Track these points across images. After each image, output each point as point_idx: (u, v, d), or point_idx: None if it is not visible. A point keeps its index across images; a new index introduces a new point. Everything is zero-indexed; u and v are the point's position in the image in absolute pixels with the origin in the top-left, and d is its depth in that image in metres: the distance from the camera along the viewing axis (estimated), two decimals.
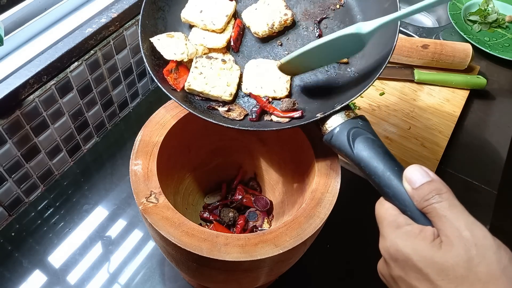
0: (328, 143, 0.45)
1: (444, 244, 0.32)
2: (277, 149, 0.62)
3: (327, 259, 0.66)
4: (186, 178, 0.63)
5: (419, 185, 0.35)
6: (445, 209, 0.33)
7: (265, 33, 0.54)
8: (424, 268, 0.32)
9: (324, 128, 0.45)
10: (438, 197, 0.34)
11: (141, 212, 0.45)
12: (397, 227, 0.35)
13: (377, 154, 0.40)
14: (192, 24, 0.55)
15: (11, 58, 0.62)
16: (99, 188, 0.73)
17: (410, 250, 0.33)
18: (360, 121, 0.44)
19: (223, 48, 0.54)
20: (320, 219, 0.46)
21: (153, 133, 0.52)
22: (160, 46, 0.51)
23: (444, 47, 0.92)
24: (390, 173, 0.39)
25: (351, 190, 0.74)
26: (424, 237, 0.33)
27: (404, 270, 0.34)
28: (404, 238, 0.34)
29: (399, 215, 0.36)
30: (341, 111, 0.45)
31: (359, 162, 0.41)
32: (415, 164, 0.36)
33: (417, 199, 0.35)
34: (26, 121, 0.62)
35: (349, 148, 0.42)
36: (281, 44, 0.55)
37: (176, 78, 0.51)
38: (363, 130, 0.43)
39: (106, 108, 0.79)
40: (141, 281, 0.62)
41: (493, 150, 0.84)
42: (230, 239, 0.43)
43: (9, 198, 0.66)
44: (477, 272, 0.30)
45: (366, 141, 0.42)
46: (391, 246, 0.35)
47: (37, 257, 0.64)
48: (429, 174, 0.35)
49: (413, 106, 0.87)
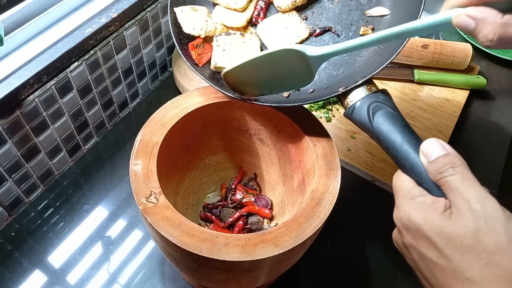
0: (348, 117, 0.46)
1: (454, 215, 0.33)
2: (277, 149, 0.62)
3: (327, 259, 0.66)
4: (186, 178, 0.63)
5: (434, 158, 0.36)
6: (457, 182, 0.34)
7: (288, 7, 0.53)
8: (433, 237, 0.33)
9: (346, 102, 0.46)
10: (452, 170, 0.35)
11: (141, 212, 0.45)
12: (411, 198, 0.36)
13: (396, 127, 0.41)
14: (215, 2, 0.55)
15: (11, 58, 0.62)
16: (99, 188, 0.73)
17: (421, 220, 0.34)
18: (381, 95, 0.44)
19: (242, 27, 0.54)
20: (320, 219, 0.46)
21: (153, 133, 0.52)
22: (182, 18, 0.52)
23: (444, 47, 0.92)
24: (407, 146, 0.39)
25: (351, 190, 0.74)
26: (436, 208, 0.34)
27: (415, 239, 0.35)
28: (417, 209, 0.35)
29: (415, 187, 0.37)
30: (363, 85, 0.45)
31: (378, 135, 0.42)
32: (432, 138, 0.37)
33: (432, 172, 0.36)
34: (26, 121, 0.62)
35: (368, 122, 0.43)
36: (306, 18, 0.54)
37: (200, 54, 0.51)
38: (384, 104, 0.43)
39: (106, 108, 0.79)
40: (141, 281, 0.62)
41: (493, 150, 0.84)
42: (230, 239, 0.43)
43: (9, 198, 0.66)
44: (484, 242, 0.31)
45: (386, 115, 0.42)
46: (404, 216, 0.36)
47: (37, 257, 0.64)
48: (445, 148, 0.36)
49: (413, 106, 0.87)
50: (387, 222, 0.43)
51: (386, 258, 0.66)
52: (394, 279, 0.64)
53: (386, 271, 0.65)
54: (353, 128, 0.81)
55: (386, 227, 0.43)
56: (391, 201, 0.40)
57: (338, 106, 0.85)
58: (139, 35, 0.78)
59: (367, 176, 0.76)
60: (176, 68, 0.86)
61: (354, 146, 0.79)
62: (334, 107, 0.85)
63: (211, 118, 0.58)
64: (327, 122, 0.83)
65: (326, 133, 0.54)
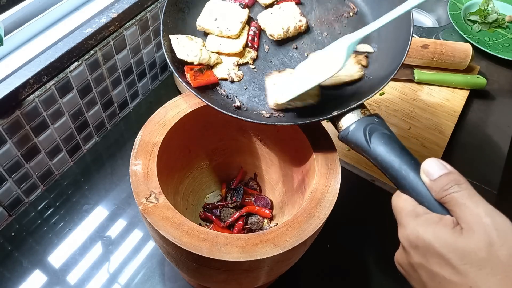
0: (343, 140, 0.46)
1: (465, 230, 0.33)
2: (277, 149, 0.62)
3: (327, 259, 0.66)
4: (186, 178, 0.63)
5: (437, 177, 0.36)
6: (464, 198, 0.34)
7: (280, 36, 0.56)
8: (446, 254, 0.33)
9: (340, 125, 0.47)
10: (457, 186, 0.35)
11: (141, 212, 0.45)
12: (417, 215, 0.36)
13: (393, 148, 0.42)
14: (207, 31, 0.57)
15: (11, 58, 0.62)
16: (99, 188, 0.73)
17: (431, 236, 0.34)
18: (376, 118, 0.45)
19: (240, 53, 0.56)
20: (320, 219, 0.46)
21: (153, 133, 0.52)
22: (177, 44, 0.53)
23: (444, 47, 0.92)
24: (406, 167, 0.40)
25: (351, 190, 0.74)
26: (445, 224, 0.34)
27: (425, 257, 0.34)
28: (425, 225, 0.35)
29: (417, 205, 0.37)
30: (357, 109, 0.46)
31: (376, 156, 0.43)
32: (432, 158, 0.37)
33: (436, 190, 0.36)
34: (26, 121, 0.62)
35: (366, 143, 0.43)
36: (296, 47, 0.56)
37: (196, 77, 0.52)
38: (379, 126, 0.44)
39: (106, 108, 0.79)
40: (141, 281, 0.62)
41: (493, 150, 0.84)
42: (230, 239, 0.43)
43: (9, 198, 0.66)
44: (499, 255, 0.31)
45: (383, 136, 0.43)
46: (411, 233, 0.35)
47: (37, 257, 0.64)
48: (446, 167, 0.36)
49: (413, 106, 0.87)
50: (387, 222, 0.43)
51: (386, 258, 0.66)
52: (394, 279, 0.64)
53: (386, 271, 0.65)
54: None
55: (386, 227, 0.43)
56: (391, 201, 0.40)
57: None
58: (139, 35, 0.78)
59: (367, 176, 0.76)
60: None
61: None
62: None
63: (211, 118, 0.58)
64: (327, 122, 0.83)
65: (326, 133, 0.54)
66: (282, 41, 0.57)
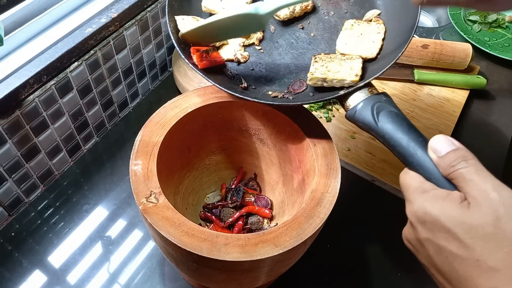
0: (351, 118, 0.47)
1: (472, 205, 0.33)
2: (277, 149, 0.62)
3: (327, 259, 0.66)
4: (186, 178, 0.63)
5: (445, 153, 0.36)
6: (472, 173, 0.34)
7: (286, 16, 0.55)
8: (453, 228, 0.33)
9: (347, 104, 0.47)
10: (465, 162, 0.35)
11: (141, 212, 0.45)
12: (424, 191, 0.36)
13: (401, 126, 0.42)
14: (212, 12, 0.56)
15: (11, 58, 0.62)
16: (99, 188, 0.73)
17: (438, 211, 0.34)
18: (383, 96, 0.45)
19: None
20: (320, 219, 0.46)
21: (153, 133, 0.52)
22: (182, 25, 0.53)
23: (444, 47, 0.92)
24: (414, 144, 0.40)
25: (351, 190, 0.74)
26: (452, 199, 0.34)
27: (432, 232, 0.35)
28: (432, 201, 0.35)
29: (425, 181, 0.38)
30: (364, 88, 0.46)
31: (383, 134, 0.43)
32: (440, 134, 0.38)
33: (443, 166, 0.36)
34: (26, 121, 0.62)
35: (373, 121, 0.44)
36: (303, 27, 0.56)
37: (202, 58, 0.52)
38: (387, 105, 0.44)
39: (106, 108, 0.79)
40: (141, 281, 0.62)
41: (493, 150, 0.84)
42: (230, 239, 0.43)
43: (9, 198, 0.66)
44: (505, 229, 0.31)
45: (390, 114, 0.43)
46: (419, 209, 0.36)
47: (37, 257, 0.64)
48: (454, 143, 0.37)
49: (413, 106, 0.87)
50: (387, 222, 0.43)
51: (386, 258, 0.66)
52: (394, 279, 0.64)
53: (386, 271, 0.65)
54: (353, 128, 0.81)
55: (386, 227, 0.43)
56: (391, 201, 0.40)
57: (338, 106, 0.85)
58: (139, 35, 0.78)
59: (367, 176, 0.76)
60: (176, 68, 0.86)
61: (354, 146, 0.79)
62: (334, 107, 0.85)
63: (211, 118, 0.58)
64: (327, 122, 0.83)
65: (326, 133, 0.54)
66: (288, 21, 0.56)
